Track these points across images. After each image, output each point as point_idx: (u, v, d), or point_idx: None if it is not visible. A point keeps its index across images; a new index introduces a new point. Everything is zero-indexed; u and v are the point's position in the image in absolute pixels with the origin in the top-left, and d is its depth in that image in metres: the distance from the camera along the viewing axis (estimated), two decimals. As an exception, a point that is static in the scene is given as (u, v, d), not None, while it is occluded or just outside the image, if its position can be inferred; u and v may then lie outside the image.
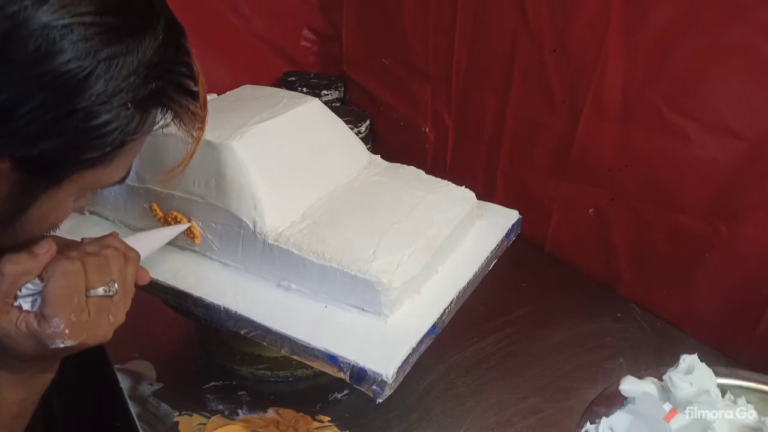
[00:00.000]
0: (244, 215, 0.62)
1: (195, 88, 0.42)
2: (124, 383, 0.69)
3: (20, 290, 0.43)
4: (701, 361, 0.54)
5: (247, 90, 0.76)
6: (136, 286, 0.50)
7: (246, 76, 0.90)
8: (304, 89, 1.27)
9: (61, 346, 0.43)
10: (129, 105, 0.37)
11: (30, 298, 0.43)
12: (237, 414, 0.67)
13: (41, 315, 0.43)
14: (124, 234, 0.71)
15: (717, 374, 0.54)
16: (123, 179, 0.44)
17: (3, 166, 0.36)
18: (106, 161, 0.39)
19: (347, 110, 1.29)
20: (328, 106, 0.76)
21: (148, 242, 0.55)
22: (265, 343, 0.60)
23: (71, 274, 0.44)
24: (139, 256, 0.50)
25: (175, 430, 0.64)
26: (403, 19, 1.11)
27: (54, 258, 0.44)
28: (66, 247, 0.46)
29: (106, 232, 0.49)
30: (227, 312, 0.61)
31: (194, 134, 0.45)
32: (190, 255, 0.68)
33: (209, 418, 0.66)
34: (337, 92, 1.32)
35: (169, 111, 0.41)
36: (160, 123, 0.41)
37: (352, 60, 1.32)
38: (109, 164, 0.40)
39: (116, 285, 0.46)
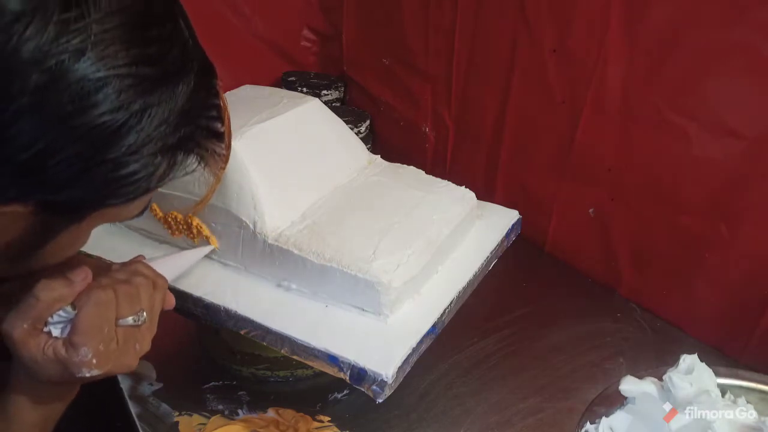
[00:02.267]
0: (244, 215, 0.62)
1: (222, 130, 0.41)
2: (124, 383, 0.69)
3: (51, 316, 0.43)
4: (701, 361, 0.54)
5: (247, 90, 0.76)
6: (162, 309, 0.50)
7: (246, 76, 0.90)
8: (304, 89, 1.27)
9: (87, 375, 0.43)
10: (157, 154, 0.36)
11: (60, 325, 0.43)
12: (237, 414, 0.67)
13: (70, 343, 0.42)
14: (124, 236, 0.72)
15: (717, 374, 0.54)
16: (141, 214, 0.43)
17: (26, 210, 0.35)
18: (128, 201, 0.39)
19: (347, 110, 1.29)
20: (328, 106, 0.76)
21: (174, 266, 0.54)
22: (265, 343, 0.60)
23: (104, 304, 0.43)
24: (167, 283, 0.50)
25: (175, 430, 0.64)
26: (403, 19, 1.11)
27: (87, 286, 0.44)
28: (96, 271, 0.46)
29: (106, 232, 0.49)
30: (227, 312, 0.62)
31: (217, 173, 0.44)
32: (190, 255, 0.68)
33: (209, 418, 0.66)
34: (337, 92, 1.32)
35: (194, 155, 0.40)
36: (185, 169, 0.40)
37: (352, 60, 1.32)
38: (131, 203, 0.39)
39: (145, 314, 0.46)
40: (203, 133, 0.40)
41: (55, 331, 0.43)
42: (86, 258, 0.47)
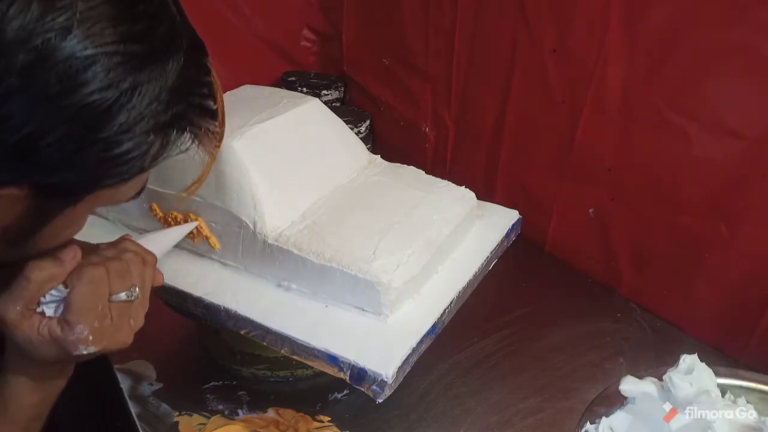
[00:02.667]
0: (244, 215, 0.62)
1: (214, 107, 0.41)
2: (124, 383, 0.69)
3: (44, 296, 0.43)
4: (701, 361, 0.54)
5: (247, 90, 0.76)
6: (152, 287, 0.50)
7: (246, 76, 0.90)
8: (304, 89, 1.27)
9: (84, 352, 0.43)
10: (150, 132, 0.36)
11: (53, 304, 0.43)
12: (237, 414, 0.67)
13: (65, 321, 0.42)
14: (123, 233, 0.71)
15: (717, 374, 0.54)
16: (137, 195, 0.43)
17: (21, 192, 0.35)
18: (122, 182, 0.39)
19: (347, 110, 1.29)
20: (328, 106, 0.76)
21: (160, 243, 0.54)
22: (265, 343, 0.60)
23: (96, 281, 0.44)
24: (155, 259, 0.50)
25: (175, 430, 0.64)
26: (403, 19, 1.11)
27: (78, 264, 0.44)
28: (85, 251, 0.46)
29: (106, 233, 0.49)
30: (227, 312, 0.61)
31: (212, 152, 0.44)
32: (190, 255, 0.68)
33: (209, 418, 0.66)
34: (337, 92, 1.32)
35: (188, 134, 0.40)
36: (179, 147, 0.40)
37: (352, 60, 1.32)
38: (125, 183, 0.39)
39: (137, 289, 0.46)
40: (196, 111, 0.40)
41: (48, 311, 0.43)
42: (74, 240, 0.47)
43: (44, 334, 0.42)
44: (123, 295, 0.45)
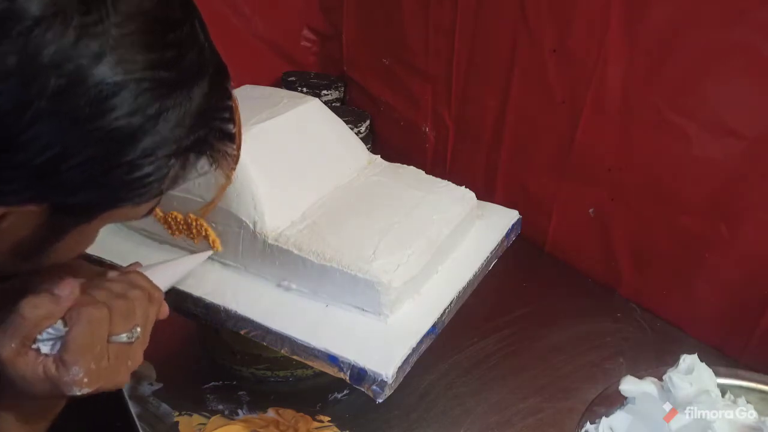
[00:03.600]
0: (244, 215, 0.62)
1: (233, 131, 0.41)
2: (124, 383, 0.69)
3: (41, 333, 0.41)
4: (701, 361, 0.54)
5: (247, 90, 0.76)
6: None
7: (246, 76, 0.89)
8: (304, 89, 1.27)
9: (78, 393, 0.42)
10: (172, 156, 0.36)
11: (50, 342, 0.42)
12: (237, 414, 0.67)
13: (61, 361, 0.41)
14: (124, 236, 0.72)
15: (717, 374, 0.54)
16: (149, 213, 0.43)
17: (38, 209, 0.35)
18: (139, 203, 0.39)
19: (347, 110, 1.29)
20: (328, 106, 0.76)
21: (170, 275, 0.53)
22: (265, 343, 0.60)
23: (96, 321, 0.42)
24: (162, 295, 0.49)
25: (175, 430, 0.64)
26: (403, 19, 1.11)
27: (79, 301, 0.43)
28: (89, 279, 0.45)
29: (106, 232, 0.49)
30: (227, 312, 0.62)
31: (228, 174, 0.44)
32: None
33: (209, 418, 0.66)
34: (337, 92, 1.32)
35: (206, 157, 0.40)
36: (198, 170, 0.40)
37: (352, 60, 1.32)
38: (142, 204, 0.39)
39: (139, 329, 0.45)
40: (216, 135, 0.40)
41: (45, 348, 0.41)
42: (82, 262, 0.47)
43: (39, 372, 0.41)
44: (124, 337, 0.44)
